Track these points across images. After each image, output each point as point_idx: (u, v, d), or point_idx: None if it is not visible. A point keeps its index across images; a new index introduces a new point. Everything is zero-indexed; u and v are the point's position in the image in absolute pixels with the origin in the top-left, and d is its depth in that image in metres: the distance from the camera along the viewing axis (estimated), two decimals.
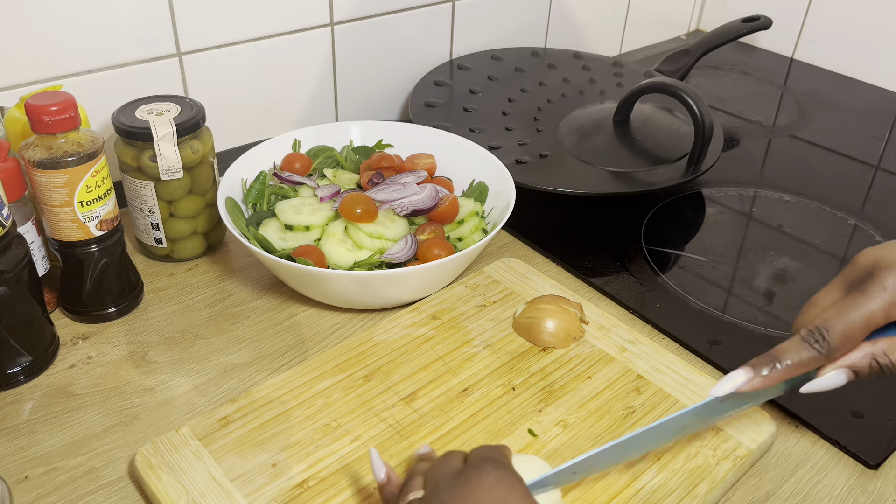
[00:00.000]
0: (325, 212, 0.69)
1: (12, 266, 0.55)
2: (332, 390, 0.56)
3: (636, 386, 0.58)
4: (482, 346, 0.61)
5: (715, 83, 1.18)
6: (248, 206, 0.72)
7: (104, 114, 0.74)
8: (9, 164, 0.58)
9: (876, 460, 0.55)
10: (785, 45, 1.27)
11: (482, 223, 0.71)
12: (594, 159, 0.83)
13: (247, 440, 0.52)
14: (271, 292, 0.69)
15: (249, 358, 0.62)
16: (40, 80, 0.71)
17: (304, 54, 0.87)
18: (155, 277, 0.70)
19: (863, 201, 0.88)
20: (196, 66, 0.80)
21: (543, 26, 1.12)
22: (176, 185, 0.67)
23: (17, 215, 0.59)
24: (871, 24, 1.15)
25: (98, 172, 0.59)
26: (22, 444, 0.54)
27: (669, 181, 0.80)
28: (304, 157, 0.77)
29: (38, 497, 0.50)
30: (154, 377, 0.60)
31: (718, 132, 0.88)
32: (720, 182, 0.90)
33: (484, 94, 0.95)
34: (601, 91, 0.99)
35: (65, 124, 0.57)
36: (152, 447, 0.51)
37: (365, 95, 0.96)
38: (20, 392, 0.58)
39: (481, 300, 0.66)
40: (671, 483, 0.51)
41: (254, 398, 0.55)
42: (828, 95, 1.15)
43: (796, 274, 0.75)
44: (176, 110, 0.67)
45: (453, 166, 0.77)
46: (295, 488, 0.49)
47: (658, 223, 0.81)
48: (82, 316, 0.64)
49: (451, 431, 0.54)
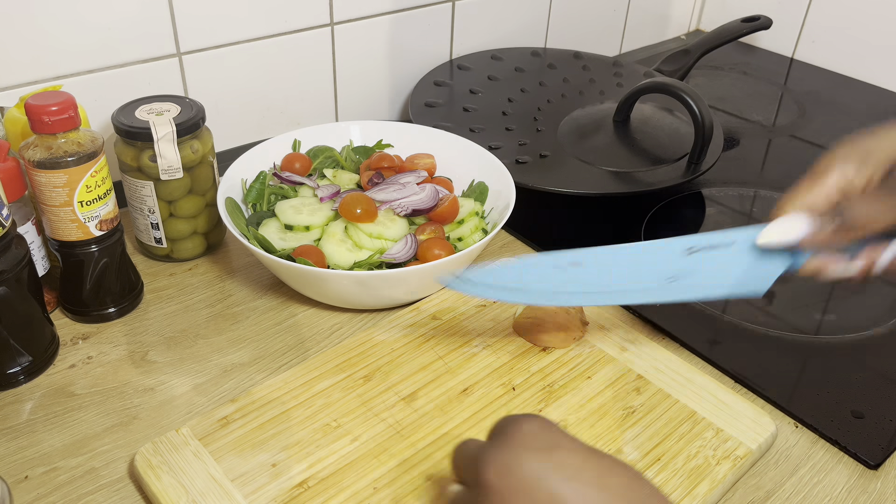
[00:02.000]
0: (325, 212, 0.69)
1: (12, 266, 0.55)
2: (332, 390, 0.56)
3: (636, 386, 0.58)
4: (482, 346, 0.61)
5: (715, 83, 1.18)
6: (248, 206, 0.72)
7: (104, 114, 0.74)
8: (9, 164, 0.58)
9: (876, 460, 0.55)
10: (785, 45, 1.27)
11: (482, 223, 0.71)
12: (594, 159, 0.83)
13: (247, 440, 0.52)
14: (271, 292, 0.69)
15: (249, 358, 0.62)
16: (40, 80, 0.71)
17: (304, 54, 0.87)
18: (155, 277, 0.70)
19: None
20: (196, 66, 0.80)
21: (543, 26, 1.12)
22: (176, 185, 0.67)
23: (17, 215, 0.59)
24: (871, 24, 1.15)
25: (98, 172, 0.59)
26: (22, 444, 0.54)
27: (669, 181, 0.80)
28: (304, 157, 0.77)
29: (38, 497, 0.50)
30: (154, 377, 0.60)
31: (718, 132, 0.88)
32: (720, 182, 0.90)
33: (484, 94, 0.95)
34: (601, 91, 0.98)
35: (65, 124, 0.57)
36: (152, 447, 0.51)
37: (365, 95, 0.96)
38: (20, 392, 0.58)
39: (481, 300, 0.66)
40: (671, 483, 0.51)
41: (254, 398, 0.55)
42: (828, 95, 1.15)
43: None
44: (176, 110, 0.67)
45: (453, 166, 0.77)
46: (295, 488, 0.49)
47: (658, 223, 0.81)
48: (82, 316, 0.64)
49: (451, 431, 0.54)
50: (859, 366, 0.63)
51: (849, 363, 0.64)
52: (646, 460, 0.52)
